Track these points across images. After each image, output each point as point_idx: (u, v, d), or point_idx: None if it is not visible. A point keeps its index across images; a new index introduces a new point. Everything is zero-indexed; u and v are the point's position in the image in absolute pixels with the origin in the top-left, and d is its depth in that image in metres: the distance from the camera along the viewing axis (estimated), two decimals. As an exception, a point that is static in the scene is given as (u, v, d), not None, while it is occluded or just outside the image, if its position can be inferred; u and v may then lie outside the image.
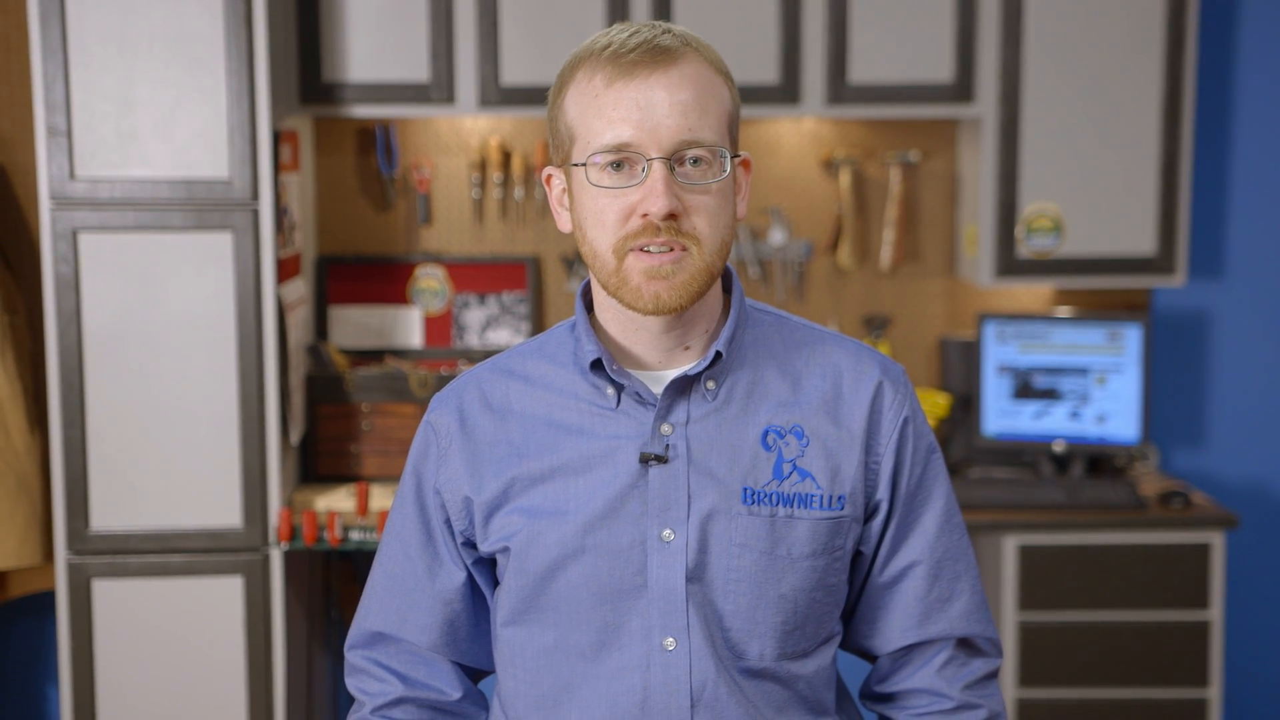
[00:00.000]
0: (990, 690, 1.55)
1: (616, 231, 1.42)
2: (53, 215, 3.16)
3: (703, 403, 1.47)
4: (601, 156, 1.41)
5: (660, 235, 1.41)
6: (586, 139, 1.43)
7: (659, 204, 1.39)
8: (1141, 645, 3.42)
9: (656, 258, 1.41)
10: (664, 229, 1.40)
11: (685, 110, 1.41)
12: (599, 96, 1.42)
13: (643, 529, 1.45)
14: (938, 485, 1.52)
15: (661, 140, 1.40)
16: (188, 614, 3.26)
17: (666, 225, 1.40)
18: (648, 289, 1.42)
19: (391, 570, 1.57)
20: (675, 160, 1.41)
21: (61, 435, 3.19)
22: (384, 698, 1.56)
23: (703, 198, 1.41)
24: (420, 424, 1.57)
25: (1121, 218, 3.61)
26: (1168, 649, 3.42)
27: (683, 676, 1.44)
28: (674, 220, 1.41)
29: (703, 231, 1.42)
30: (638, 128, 1.40)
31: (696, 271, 1.42)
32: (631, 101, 1.40)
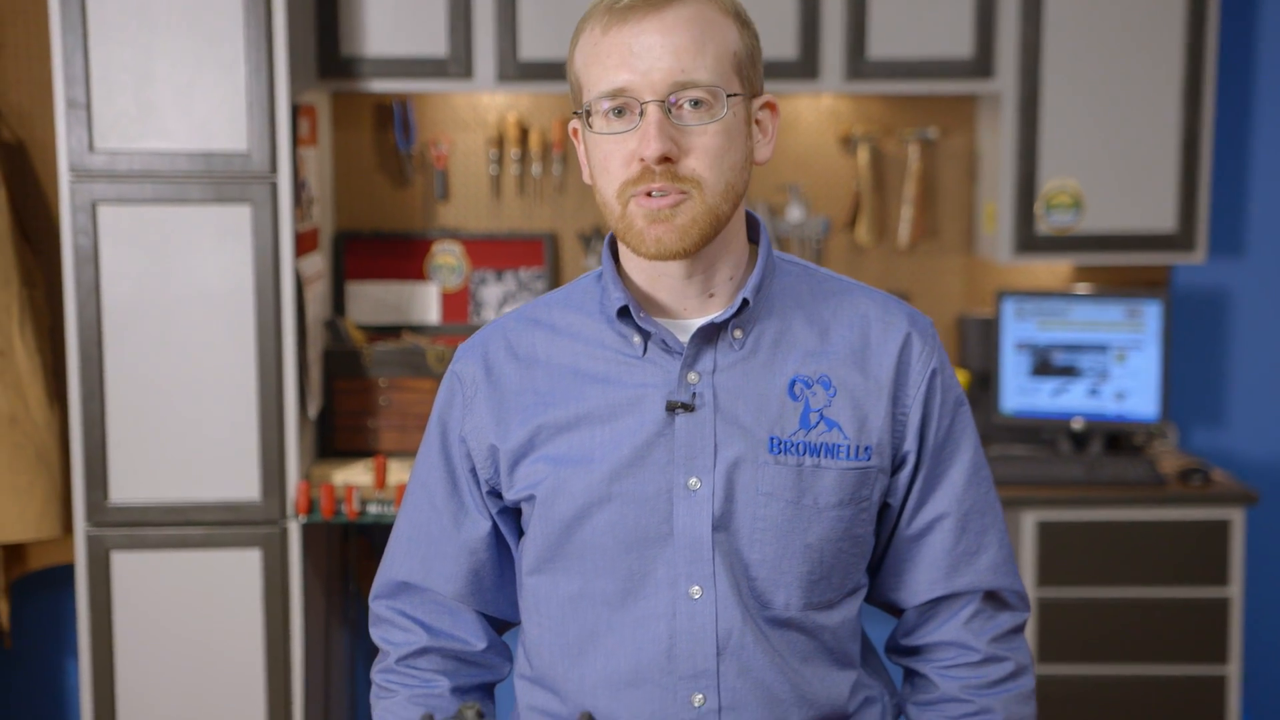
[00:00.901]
0: (1017, 643, 1.54)
1: (619, 177, 1.42)
2: (72, 188, 3.17)
3: (730, 351, 1.47)
4: (601, 103, 1.41)
5: (658, 180, 1.40)
6: (589, 87, 1.44)
7: (651, 147, 1.38)
8: (1161, 622, 3.41)
9: (656, 201, 1.41)
10: (660, 173, 1.40)
11: (678, 52, 1.40)
12: (597, 45, 1.43)
13: (669, 477, 1.44)
14: (965, 438, 1.51)
15: (655, 83, 1.40)
16: (206, 587, 3.26)
17: (663, 169, 1.40)
18: (649, 233, 1.41)
19: (416, 520, 1.57)
20: (672, 103, 1.40)
21: (81, 407, 3.20)
22: (409, 647, 1.56)
23: (701, 139, 1.40)
24: (445, 373, 1.56)
25: (1141, 194, 3.59)
26: (1187, 626, 3.41)
27: (708, 625, 1.43)
28: (670, 163, 1.40)
29: (703, 174, 1.40)
30: (631, 72, 1.40)
31: (698, 214, 1.41)
32: (625, 47, 1.41)
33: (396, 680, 1.57)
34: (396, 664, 1.57)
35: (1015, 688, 1.53)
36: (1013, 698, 1.52)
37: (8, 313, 3.38)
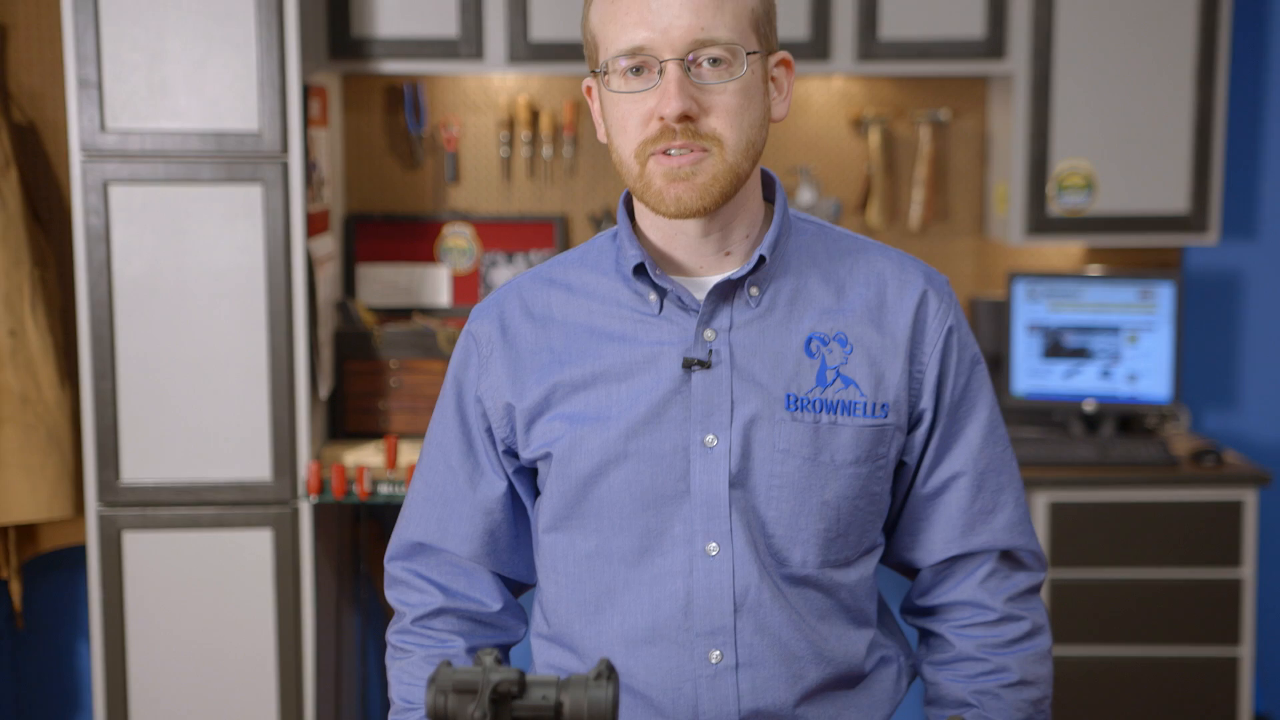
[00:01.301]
0: (1034, 603, 1.54)
1: (637, 136, 1.42)
2: (83, 167, 3.17)
3: (746, 309, 1.46)
4: (619, 62, 1.41)
5: (678, 138, 1.39)
6: (605, 46, 1.43)
7: (672, 106, 1.37)
8: (1173, 603, 3.40)
9: (675, 159, 1.40)
10: (680, 131, 1.39)
11: (698, 10, 1.39)
12: (615, 2, 1.42)
13: (685, 434, 1.44)
14: (982, 396, 1.51)
15: (674, 41, 1.39)
16: (217, 566, 3.27)
17: (683, 128, 1.39)
18: (669, 192, 1.41)
19: (432, 481, 1.56)
20: (691, 61, 1.39)
21: (92, 387, 3.20)
22: (424, 608, 1.56)
23: (721, 98, 1.39)
24: (461, 334, 1.56)
25: (1154, 175, 3.58)
26: (1199, 607, 3.40)
27: (725, 581, 1.43)
28: (690, 122, 1.39)
29: (722, 132, 1.40)
30: (650, 29, 1.39)
31: (718, 173, 1.40)
32: (643, 4, 1.39)
33: (412, 641, 1.57)
34: (412, 624, 1.57)
35: (1031, 647, 1.52)
36: (1029, 657, 1.52)
37: (19, 293, 3.38)
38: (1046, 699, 1.53)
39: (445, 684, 1.07)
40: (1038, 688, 1.52)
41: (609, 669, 1.09)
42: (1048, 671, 1.53)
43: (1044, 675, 1.53)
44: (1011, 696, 1.50)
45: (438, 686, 1.08)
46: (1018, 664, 1.51)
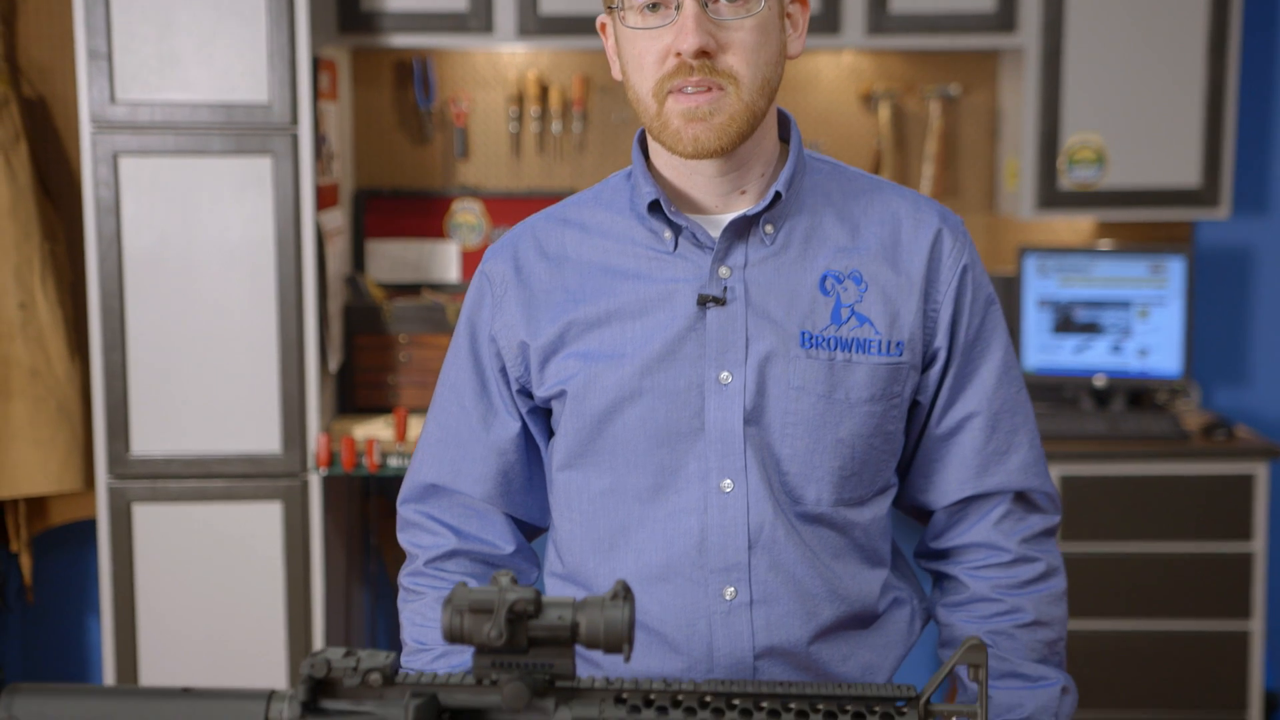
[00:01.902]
0: (1048, 546, 1.53)
1: (654, 74, 1.41)
2: (93, 139, 3.17)
3: (761, 247, 1.46)
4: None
5: (695, 75, 1.38)
6: None
7: (690, 41, 1.36)
8: (1183, 577, 3.39)
9: (693, 99, 1.39)
10: (698, 68, 1.38)
11: None
12: None
13: (700, 371, 1.43)
14: (996, 337, 1.50)
15: None
16: (227, 539, 3.27)
17: (700, 64, 1.38)
18: (687, 131, 1.40)
19: (445, 422, 1.56)
20: None
21: (102, 359, 3.20)
22: (437, 550, 1.55)
23: (738, 34, 1.38)
24: (475, 275, 1.56)
25: (1165, 149, 3.57)
26: (1210, 581, 3.39)
27: (740, 518, 1.42)
28: (708, 58, 1.38)
29: (739, 69, 1.39)
30: None
31: (736, 112, 1.39)
32: None
33: (424, 582, 1.56)
34: (424, 566, 1.56)
35: (1046, 588, 1.52)
36: (1044, 598, 1.51)
37: (29, 266, 3.38)
38: (1061, 640, 1.52)
39: (461, 604, 1.07)
40: (1052, 629, 1.51)
41: (625, 590, 1.08)
42: (1062, 613, 1.52)
43: (1058, 617, 1.52)
44: (1026, 637, 1.49)
45: (454, 607, 1.07)
46: (1032, 605, 1.50)
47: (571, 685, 1.10)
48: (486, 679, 1.10)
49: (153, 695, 1.11)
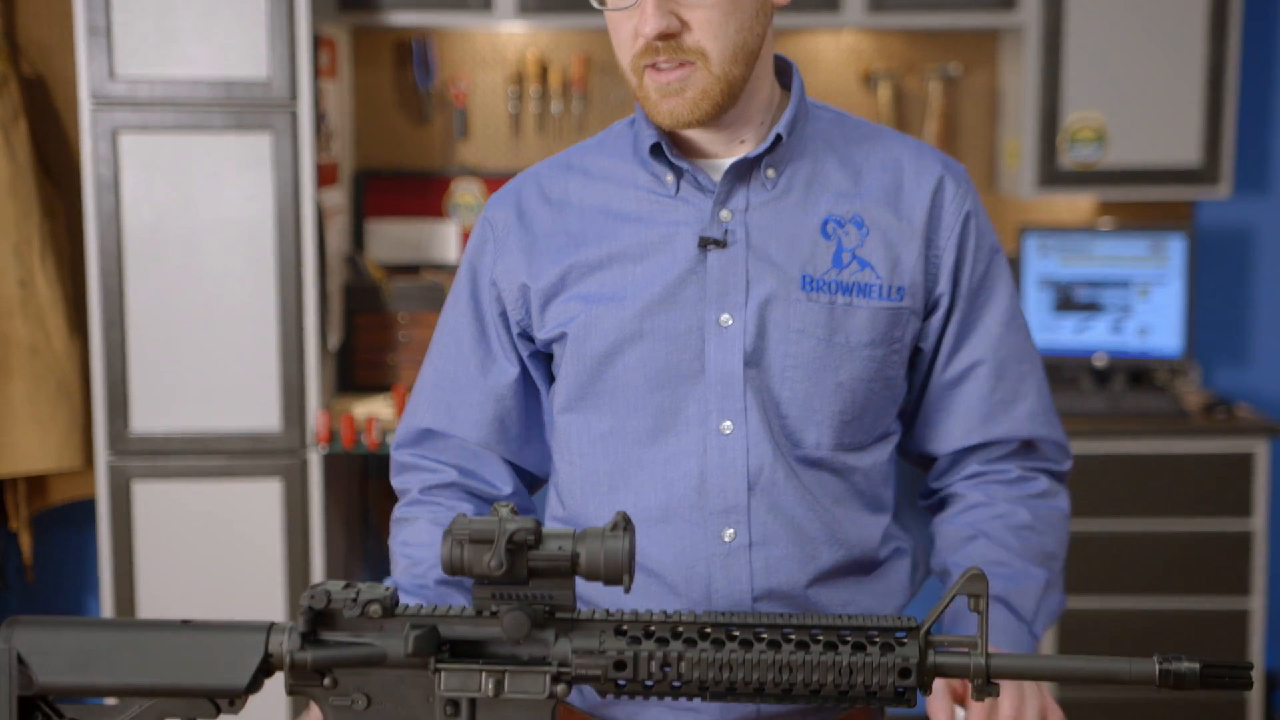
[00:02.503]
0: (1057, 483, 1.52)
1: (629, 52, 1.43)
2: (93, 115, 3.16)
3: (762, 191, 1.46)
4: None
5: (661, 54, 1.40)
6: None
7: (649, 25, 1.38)
8: (1183, 555, 3.39)
9: (665, 74, 1.41)
10: (663, 48, 1.40)
11: None
12: None
13: (700, 314, 1.44)
14: (1001, 285, 1.49)
15: None
16: (227, 516, 3.26)
17: (665, 45, 1.40)
18: (662, 106, 1.42)
19: (443, 367, 1.55)
20: None
21: (102, 336, 3.20)
22: (434, 480, 1.54)
23: (700, 11, 1.39)
24: (477, 221, 1.56)
25: (1166, 127, 3.57)
26: (1210, 558, 3.39)
27: (739, 460, 1.42)
28: (672, 38, 1.40)
29: (706, 45, 1.40)
30: None
31: (708, 85, 1.41)
32: None
33: (418, 510, 1.54)
34: (420, 494, 1.54)
35: (1048, 505, 1.50)
36: (1044, 509, 1.49)
37: (29, 244, 3.38)
38: (1058, 559, 1.50)
39: (461, 534, 1.07)
40: (1048, 539, 1.48)
41: (625, 521, 1.08)
42: (1063, 533, 1.50)
43: (1059, 533, 1.49)
44: (1019, 538, 1.47)
45: (453, 538, 1.07)
46: (1030, 511, 1.48)
47: (571, 617, 1.10)
48: (486, 610, 1.10)
49: (152, 627, 1.11)
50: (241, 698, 1.11)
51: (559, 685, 1.10)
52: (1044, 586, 1.45)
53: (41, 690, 1.09)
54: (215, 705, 1.11)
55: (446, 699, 1.10)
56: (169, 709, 1.11)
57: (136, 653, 1.09)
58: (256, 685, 1.11)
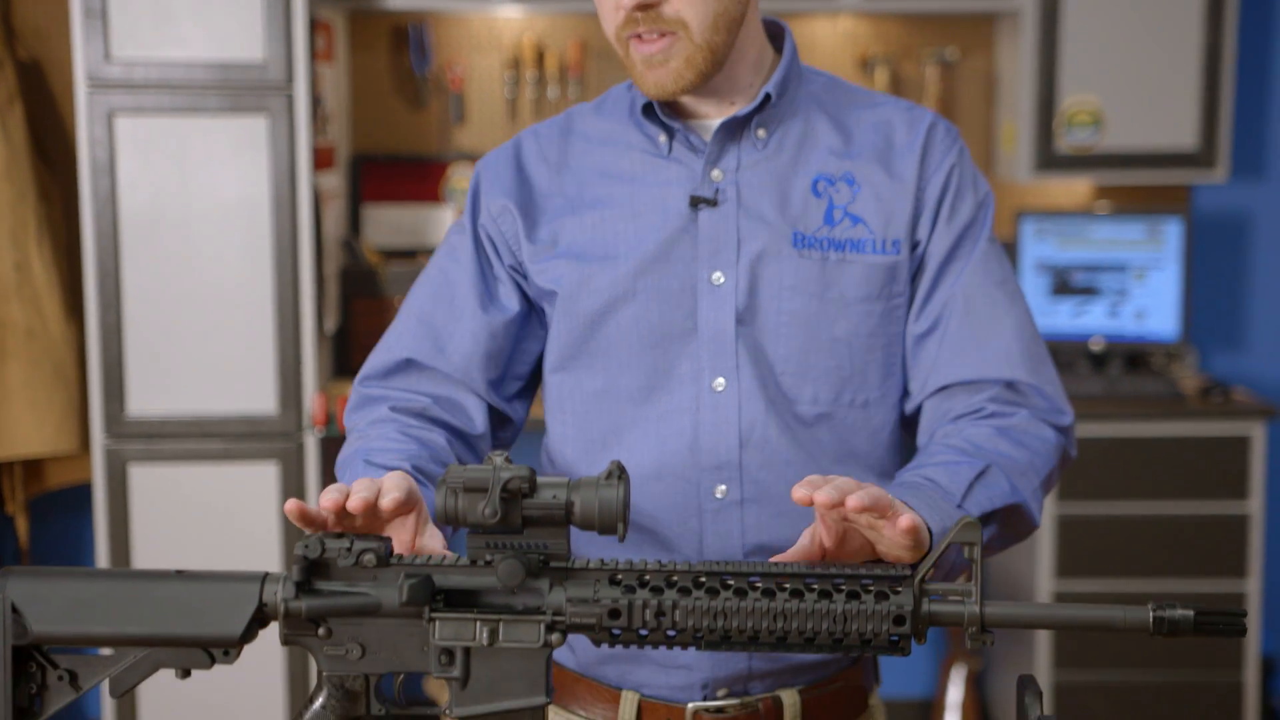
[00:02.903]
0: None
1: (612, 23, 1.44)
2: (89, 98, 3.16)
3: (754, 150, 1.46)
4: None
5: (641, 24, 1.41)
6: None
7: None
8: (1180, 537, 3.39)
9: (648, 45, 1.42)
10: (643, 19, 1.40)
11: None
12: None
13: (693, 272, 1.44)
14: (982, 235, 1.47)
15: None
16: (224, 499, 3.26)
17: (645, 15, 1.40)
18: (649, 77, 1.43)
19: (435, 297, 1.51)
20: None
21: (98, 319, 3.20)
22: (405, 403, 1.47)
23: None
24: (473, 173, 1.56)
25: (1162, 111, 3.57)
26: (1207, 541, 3.39)
27: (732, 416, 1.42)
28: (652, 9, 1.40)
29: (686, 15, 1.40)
30: None
31: (690, 55, 1.41)
32: None
33: (385, 427, 1.43)
34: (391, 411, 1.46)
35: (1024, 431, 1.41)
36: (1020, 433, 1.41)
37: (25, 228, 3.38)
38: (1034, 472, 1.39)
39: (455, 483, 1.07)
40: (1020, 453, 1.38)
41: (620, 470, 1.08)
42: (1041, 454, 1.41)
43: (1031, 448, 1.40)
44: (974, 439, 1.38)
45: (448, 486, 1.07)
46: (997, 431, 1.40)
47: (566, 566, 1.10)
48: (481, 560, 1.10)
49: (146, 577, 1.10)
50: (236, 647, 1.11)
51: (553, 634, 1.10)
52: (979, 472, 1.34)
53: (36, 640, 1.09)
54: (210, 655, 1.11)
55: (441, 648, 1.10)
56: (163, 659, 1.11)
57: (131, 602, 1.09)
58: (251, 635, 1.10)
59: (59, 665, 1.11)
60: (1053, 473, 1.43)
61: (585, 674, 1.50)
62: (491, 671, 1.10)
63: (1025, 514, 1.37)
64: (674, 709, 1.46)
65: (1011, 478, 1.36)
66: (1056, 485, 3.38)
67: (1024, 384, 1.45)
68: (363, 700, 1.12)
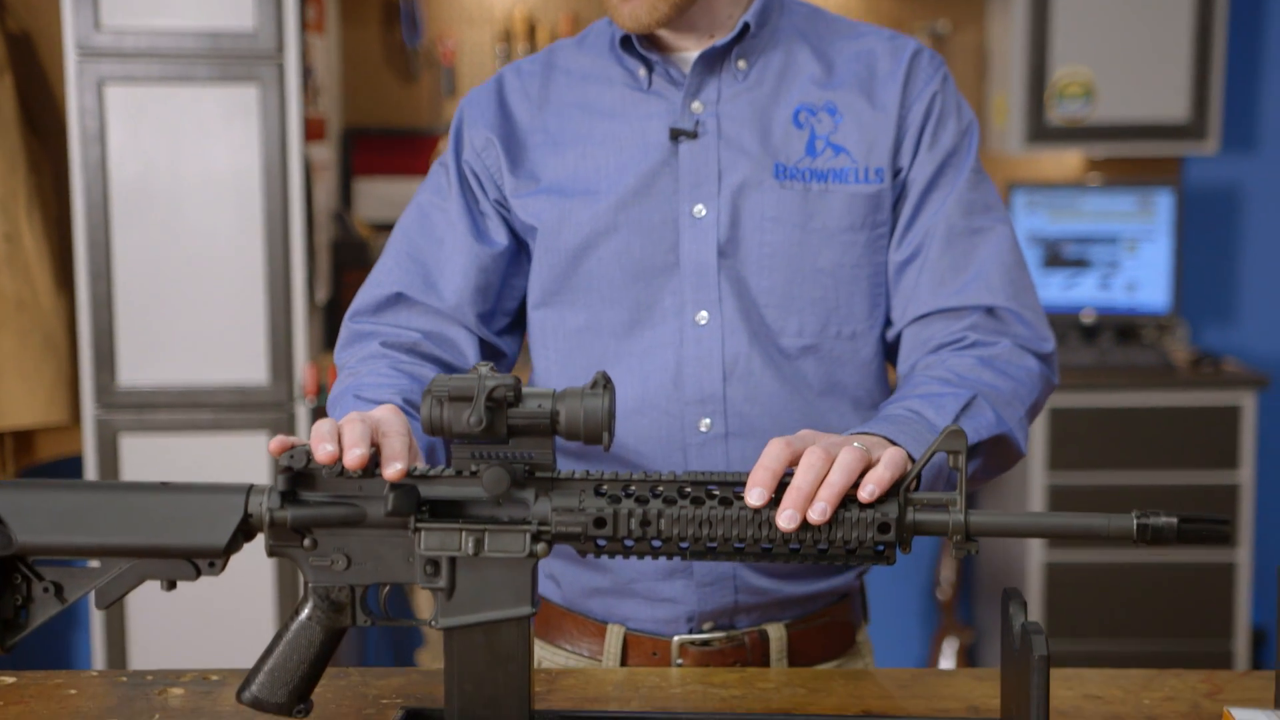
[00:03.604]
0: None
1: None
2: (79, 66, 3.16)
3: (734, 82, 1.46)
4: None
5: None
6: None
7: None
8: (1170, 507, 3.37)
9: None
10: None
11: None
12: None
13: (674, 206, 1.43)
14: (966, 162, 1.46)
15: None
16: (214, 470, 3.26)
17: None
18: (623, 10, 1.42)
19: (424, 230, 1.50)
20: None
21: (89, 289, 3.19)
22: (396, 338, 1.46)
23: None
24: (457, 109, 1.55)
25: (1154, 82, 3.57)
26: (1197, 510, 3.39)
27: (715, 349, 1.42)
28: None
29: None
30: None
31: None
32: None
33: (378, 364, 1.42)
34: (380, 346, 1.45)
35: (1007, 361, 1.40)
36: (1004, 363, 1.39)
37: (14, 199, 3.37)
38: (1021, 401, 1.38)
39: (440, 392, 1.06)
40: (1003, 382, 1.37)
41: (605, 379, 1.08)
42: (1026, 384, 1.39)
43: (1016, 377, 1.38)
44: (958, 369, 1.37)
45: (433, 395, 1.07)
46: (980, 361, 1.39)
47: (551, 476, 1.10)
48: (466, 470, 1.10)
49: (132, 489, 1.10)
50: (221, 558, 1.11)
51: (539, 544, 1.10)
52: (964, 404, 1.33)
53: (20, 550, 1.09)
54: (195, 566, 1.11)
55: (426, 558, 1.10)
56: (149, 571, 1.11)
57: (116, 513, 1.09)
58: (236, 545, 1.11)
59: (44, 577, 1.11)
60: (1037, 401, 1.43)
61: (571, 608, 1.50)
62: (477, 582, 1.10)
63: (1011, 444, 1.37)
64: (660, 642, 1.46)
65: (997, 408, 1.35)
66: (1047, 455, 3.37)
67: (1004, 310, 1.44)
68: (349, 611, 1.12)
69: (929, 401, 1.33)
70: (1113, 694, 1.32)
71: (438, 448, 1.33)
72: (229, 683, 1.33)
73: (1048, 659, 1.01)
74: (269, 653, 1.13)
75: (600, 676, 1.38)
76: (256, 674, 1.13)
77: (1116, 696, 1.31)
